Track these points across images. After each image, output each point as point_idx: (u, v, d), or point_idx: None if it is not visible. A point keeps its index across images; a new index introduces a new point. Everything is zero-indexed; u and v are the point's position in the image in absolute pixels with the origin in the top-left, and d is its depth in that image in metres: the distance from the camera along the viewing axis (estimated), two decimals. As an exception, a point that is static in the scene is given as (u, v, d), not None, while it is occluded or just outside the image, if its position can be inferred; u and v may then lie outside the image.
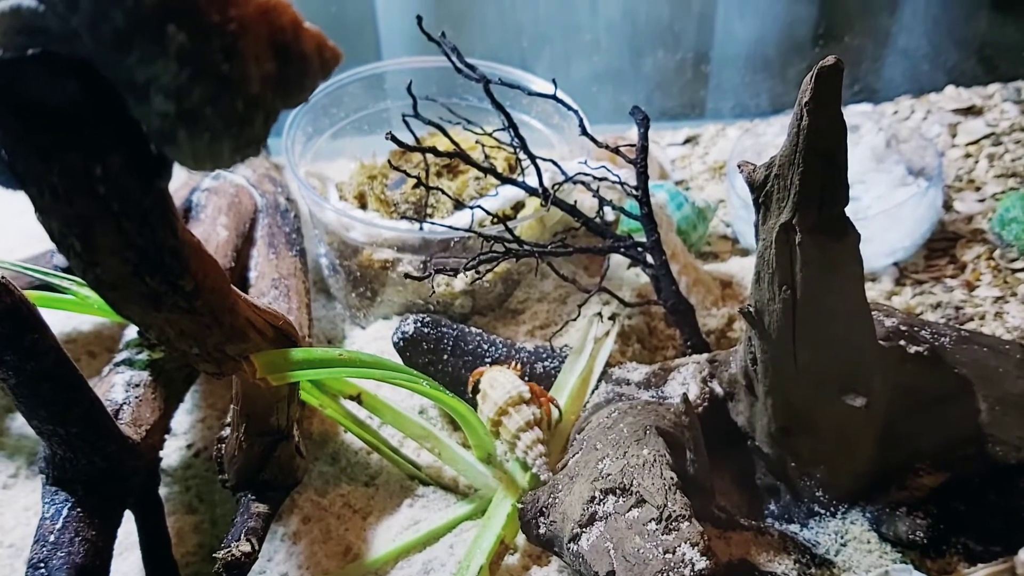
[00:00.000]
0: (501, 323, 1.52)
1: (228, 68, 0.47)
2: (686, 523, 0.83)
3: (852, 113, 1.85)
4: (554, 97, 1.35)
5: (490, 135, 1.36)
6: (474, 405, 1.24)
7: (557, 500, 0.97)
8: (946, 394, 1.21)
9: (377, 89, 1.72)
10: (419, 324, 1.29)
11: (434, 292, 1.34)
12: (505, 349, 1.32)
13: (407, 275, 1.22)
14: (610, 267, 1.61)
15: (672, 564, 0.78)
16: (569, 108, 1.36)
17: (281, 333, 0.84)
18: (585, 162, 1.36)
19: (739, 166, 1.04)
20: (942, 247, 1.59)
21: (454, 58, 1.34)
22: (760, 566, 1.12)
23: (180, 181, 1.69)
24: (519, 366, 1.25)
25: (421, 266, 1.39)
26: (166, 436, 1.21)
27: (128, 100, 0.48)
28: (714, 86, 2.09)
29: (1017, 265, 1.51)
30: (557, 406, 1.26)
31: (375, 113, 1.72)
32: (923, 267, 1.56)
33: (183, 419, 1.43)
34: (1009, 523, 1.17)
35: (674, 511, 0.85)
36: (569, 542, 0.91)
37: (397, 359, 1.31)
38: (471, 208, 1.39)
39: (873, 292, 1.52)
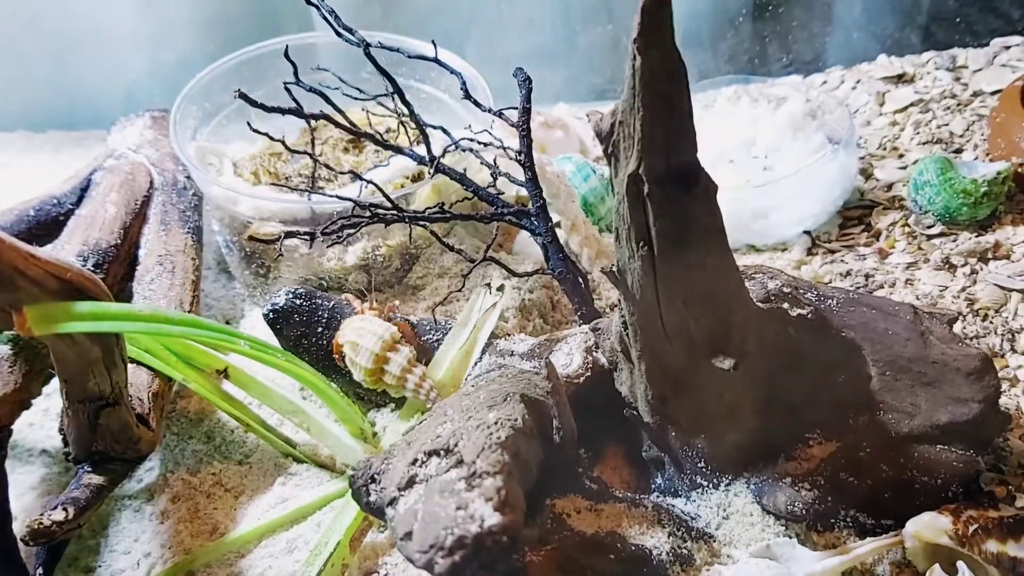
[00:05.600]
0: (400, 299, 1.47)
1: None
2: (489, 479, 0.78)
3: (781, 85, 1.79)
4: (436, 60, 1.31)
5: (374, 99, 1.32)
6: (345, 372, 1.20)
7: (390, 467, 0.92)
8: (834, 359, 1.16)
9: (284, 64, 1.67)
10: (291, 296, 1.24)
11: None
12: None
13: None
14: (521, 240, 1.58)
15: (459, 520, 0.72)
16: (452, 72, 1.32)
17: (70, 286, 0.80)
18: (469, 127, 1.31)
19: (587, 115, 0.99)
20: (857, 215, 1.53)
21: (332, 20, 1.30)
22: (630, 539, 1.06)
23: (84, 162, 1.66)
24: (376, 304, 1.22)
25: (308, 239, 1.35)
26: (24, 410, 1.17)
27: None
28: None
29: (933, 231, 1.45)
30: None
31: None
32: (836, 236, 1.50)
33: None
34: (901, 495, 1.11)
35: (480, 467, 0.80)
36: (387, 506, 0.85)
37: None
38: (362, 179, 1.35)
39: (781, 262, 1.46)
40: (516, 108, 1.27)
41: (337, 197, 1.29)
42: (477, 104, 1.29)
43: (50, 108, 2.07)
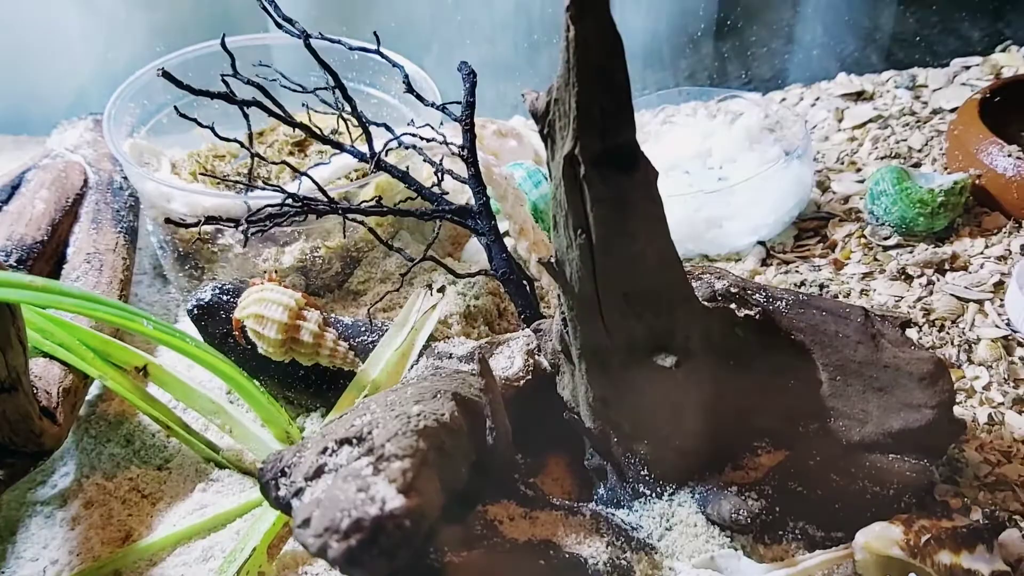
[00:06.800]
0: (340, 305, 1.41)
1: None
2: (397, 463, 0.72)
3: (739, 99, 1.76)
4: (377, 52, 1.27)
5: (313, 92, 1.27)
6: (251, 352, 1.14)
7: (301, 459, 0.85)
8: (783, 363, 1.11)
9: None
10: (217, 291, 1.18)
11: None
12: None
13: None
14: (470, 248, 1.53)
15: (359, 502, 0.66)
16: (394, 64, 1.28)
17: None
18: (411, 122, 1.26)
19: (523, 95, 0.95)
20: (813, 227, 1.49)
21: (273, 12, 1.26)
22: (565, 548, 1.00)
23: (21, 162, 1.60)
24: (275, 275, 1.17)
25: (241, 237, 1.29)
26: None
27: None
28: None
29: (890, 243, 1.42)
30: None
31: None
32: (791, 247, 1.46)
33: None
34: (852, 506, 1.05)
35: (388, 451, 0.74)
36: (293, 498, 0.79)
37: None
38: (300, 173, 1.29)
39: (734, 272, 1.41)
40: (460, 103, 1.23)
41: (273, 188, 1.23)
42: (419, 98, 1.25)
43: (-7, 112, 2.02)
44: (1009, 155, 1.43)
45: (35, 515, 1.16)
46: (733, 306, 1.09)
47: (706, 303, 1.07)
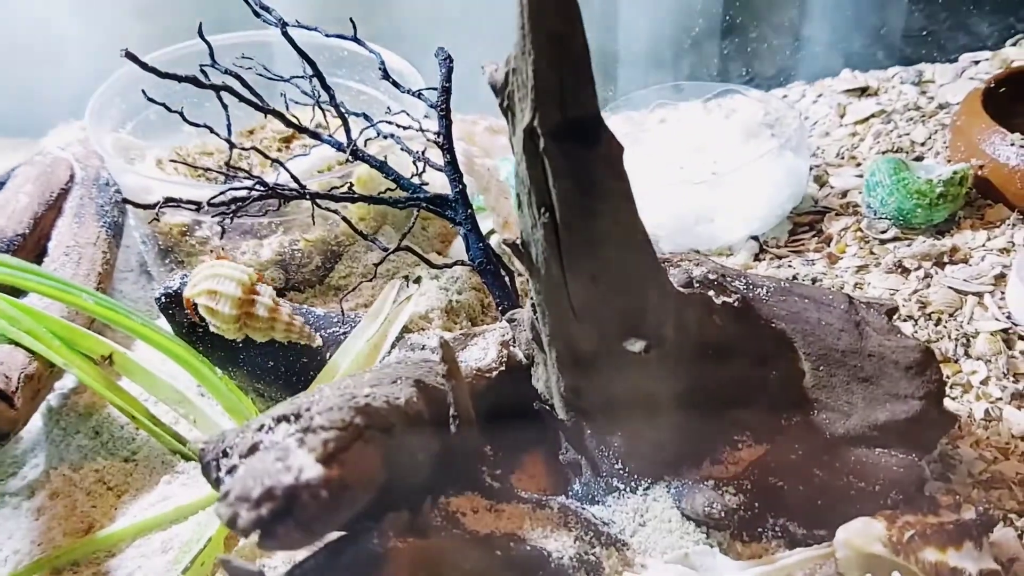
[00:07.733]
0: (321, 300, 1.38)
1: None
2: (322, 434, 0.68)
3: (738, 97, 1.72)
4: (355, 39, 1.25)
5: (287, 80, 1.25)
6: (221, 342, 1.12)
7: (243, 439, 0.82)
8: (764, 352, 1.06)
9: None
10: (186, 280, 1.15)
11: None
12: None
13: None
14: (457, 247, 1.50)
15: (274, 471, 0.63)
16: (371, 51, 1.26)
17: None
18: (388, 109, 1.24)
19: (483, 67, 0.92)
20: (809, 221, 1.45)
21: (251, 1, 1.25)
22: (530, 542, 0.96)
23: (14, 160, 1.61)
24: (223, 252, 1.15)
25: (219, 229, 1.27)
26: None
27: None
28: (606, 78, 1.98)
29: (887, 236, 1.36)
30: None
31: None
32: (785, 241, 1.42)
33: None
34: (836, 503, 1.00)
35: (316, 423, 0.71)
36: (226, 475, 0.76)
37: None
38: (275, 164, 1.27)
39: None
40: (436, 88, 1.20)
41: (248, 177, 1.21)
42: (395, 84, 1.23)
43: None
44: (1012, 144, 1.37)
45: (3, 506, 1.14)
46: (711, 293, 1.05)
47: (682, 289, 1.03)
